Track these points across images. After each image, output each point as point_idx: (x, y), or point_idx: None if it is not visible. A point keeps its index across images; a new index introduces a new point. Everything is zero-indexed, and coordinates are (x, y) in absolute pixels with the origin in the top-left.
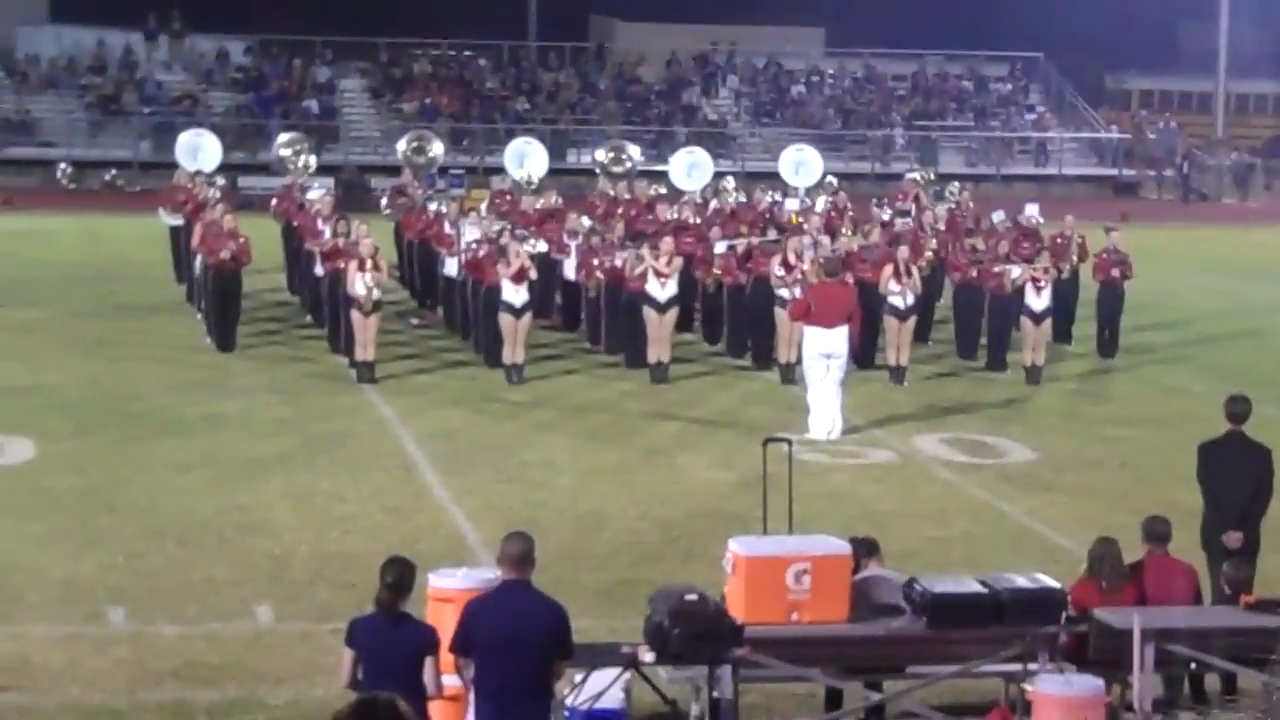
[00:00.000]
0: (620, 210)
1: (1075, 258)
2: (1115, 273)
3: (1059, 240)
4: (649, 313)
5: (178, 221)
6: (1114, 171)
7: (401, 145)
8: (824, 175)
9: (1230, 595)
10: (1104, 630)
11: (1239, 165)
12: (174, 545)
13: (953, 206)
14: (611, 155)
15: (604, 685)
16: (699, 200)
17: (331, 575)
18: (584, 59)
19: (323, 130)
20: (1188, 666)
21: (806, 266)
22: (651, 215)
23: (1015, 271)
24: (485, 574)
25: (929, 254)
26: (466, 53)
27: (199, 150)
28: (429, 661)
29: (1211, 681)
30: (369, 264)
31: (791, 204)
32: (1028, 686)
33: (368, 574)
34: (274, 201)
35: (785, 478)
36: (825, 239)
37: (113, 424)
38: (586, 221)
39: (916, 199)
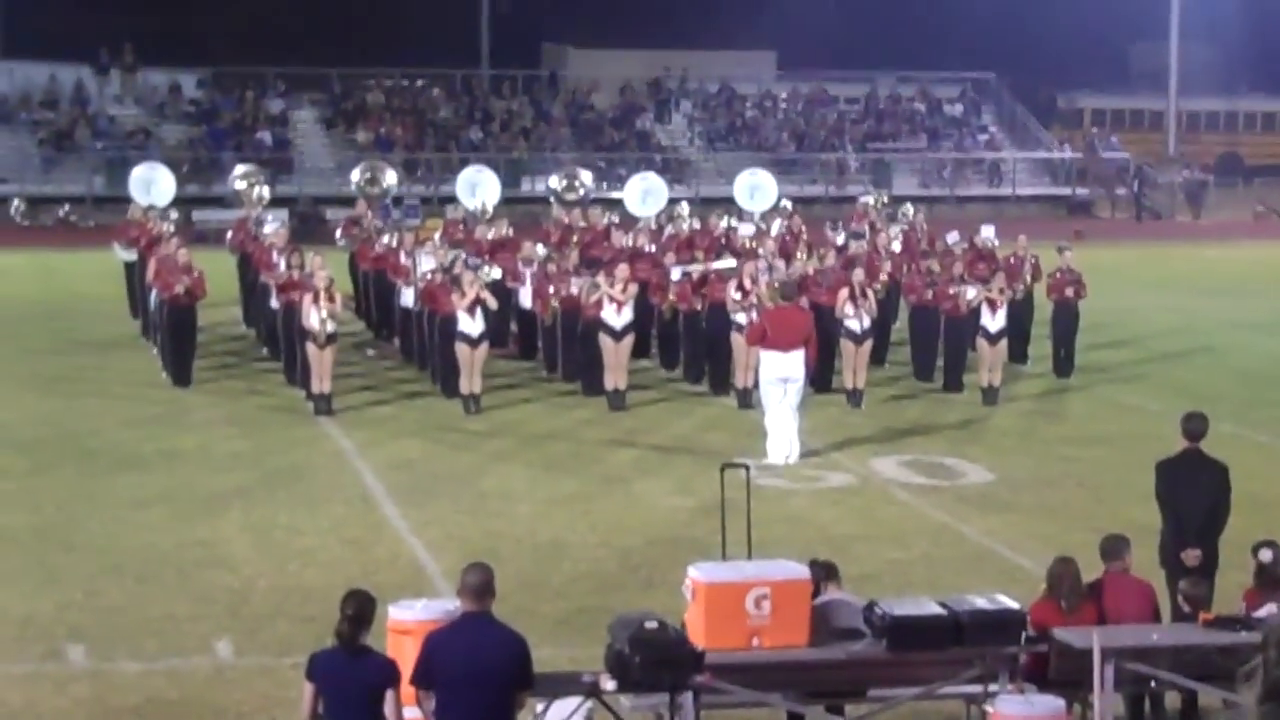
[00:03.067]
0: (575, 238)
1: (1029, 278)
2: (1069, 292)
3: (1013, 260)
4: (605, 340)
5: (132, 256)
6: (1067, 191)
7: (355, 176)
8: (778, 199)
9: (1189, 613)
10: (1064, 650)
11: (1190, 183)
12: (133, 581)
13: (906, 228)
14: (565, 182)
15: (565, 715)
16: (654, 226)
17: (291, 609)
18: (537, 87)
19: (277, 162)
20: (1148, 685)
21: (762, 291)
22: (606, 242)
23: (970, 292)
24: (445, 605)
25: (884, 277)
26: (419, 82)
27: (152, 184)
28: (389, 695)
29: (1172, 700)
30: (324, 296)
31: (746, 228)
32: (989, 708)
33: (327, 607)
34: (229, 235)
35: (744, 503)
36: (780, 263)
37: (69, 461)
38: (541, 249)
39: (871, 222)
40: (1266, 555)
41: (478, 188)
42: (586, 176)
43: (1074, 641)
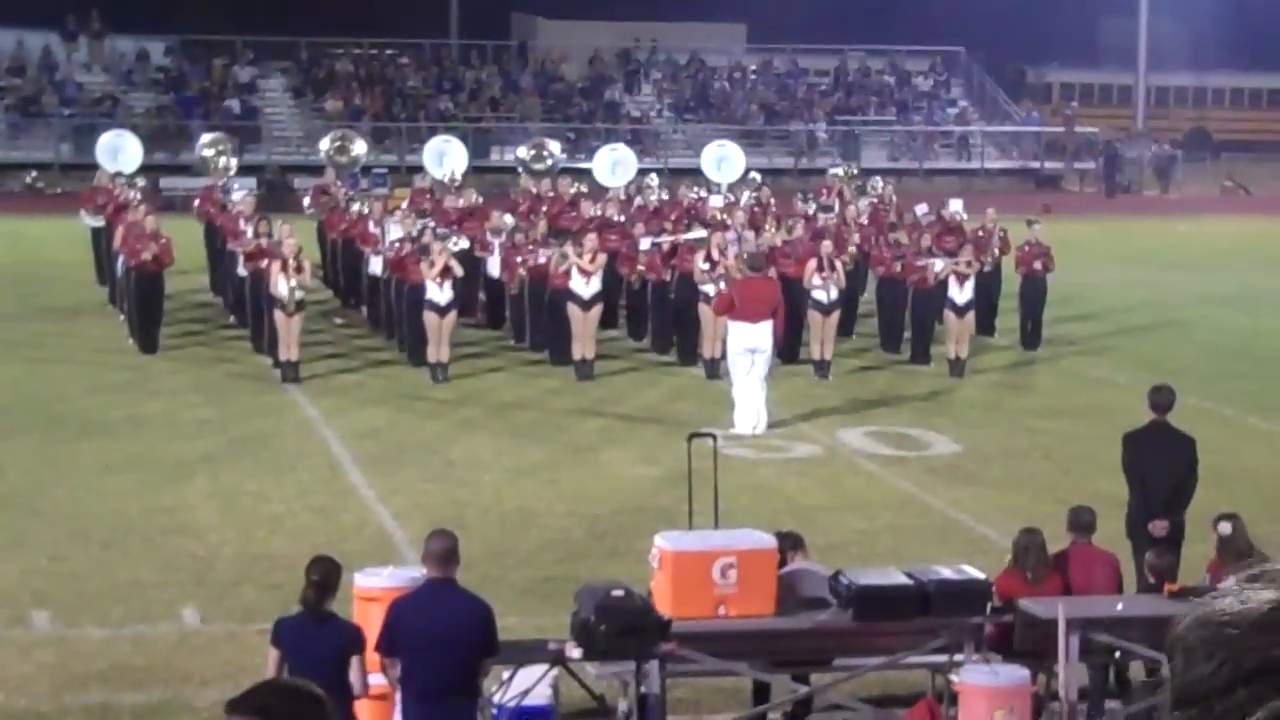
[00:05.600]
0: (543, 208)
1: (997, 250)
2: (1037, 265)
3: (980, 233)
4: (573, 309)
5: (99, 223)
6: (1036, 164)
7: (324, 145)
8: (747, 171)
9: (1154, 584)
10: (1029, 620)
11: (1159, 157)
12: (98, 548)
13: (875, 201)
14: (532, 152)
15: (531, 682)
16: (623, 197)
17: (257, 576)
18: (506, 57)
19: (245, 130)
20: (1112, 655)
21: (730, 262)
22: (575, 212)
23: (938, 265)
24: (411, 573)
25: (852, 249)
26: (388, 51)
27: (120, 151)
28: (355, 661)
29: (1136, 670)
30: (292, 264)
31: (715, 200)
32: (954, 677)
33: (293, 574)
34: (196, 202)
35: (711, 473)
36: (749, 234)
37: (35, 427)
38: (509, 219)
39: (840, 194)
40: (1226, 528)
41: (445, 157)
42: (555, 146)
43: (1039, 612)
